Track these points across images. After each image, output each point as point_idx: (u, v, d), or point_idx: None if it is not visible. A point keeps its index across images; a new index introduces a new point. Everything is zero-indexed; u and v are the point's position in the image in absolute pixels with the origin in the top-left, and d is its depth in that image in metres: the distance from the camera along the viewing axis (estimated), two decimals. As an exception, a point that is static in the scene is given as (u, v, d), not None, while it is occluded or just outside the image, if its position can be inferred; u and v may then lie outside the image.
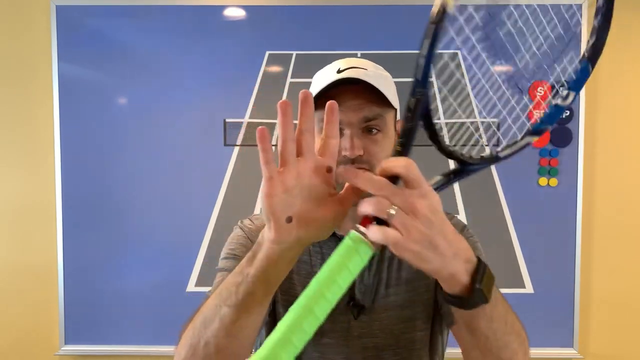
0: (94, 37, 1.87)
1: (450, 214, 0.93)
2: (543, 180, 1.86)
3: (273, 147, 0.55)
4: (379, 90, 0.80)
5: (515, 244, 1.86)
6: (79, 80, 1.88)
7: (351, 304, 0.84)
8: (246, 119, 1.87)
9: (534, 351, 1.87)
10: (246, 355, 0.66)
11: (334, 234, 0.86)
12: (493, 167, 1.86)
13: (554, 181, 1.86)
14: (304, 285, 0.83)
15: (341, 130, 0.81)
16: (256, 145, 0.55)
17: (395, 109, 0.88)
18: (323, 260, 0.86)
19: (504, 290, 0.75)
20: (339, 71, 0.81)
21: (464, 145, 0.70)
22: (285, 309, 0.82)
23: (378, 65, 0.86)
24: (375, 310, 0.85)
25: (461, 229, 0.93)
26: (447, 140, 0.61)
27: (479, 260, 0.57)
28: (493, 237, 1.87)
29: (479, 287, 0.56)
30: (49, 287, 1.90)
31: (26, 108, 1.91)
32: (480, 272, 0.57)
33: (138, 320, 1.89)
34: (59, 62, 1.87)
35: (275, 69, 1.88)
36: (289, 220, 0.56)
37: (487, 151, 0.60)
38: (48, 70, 1.87)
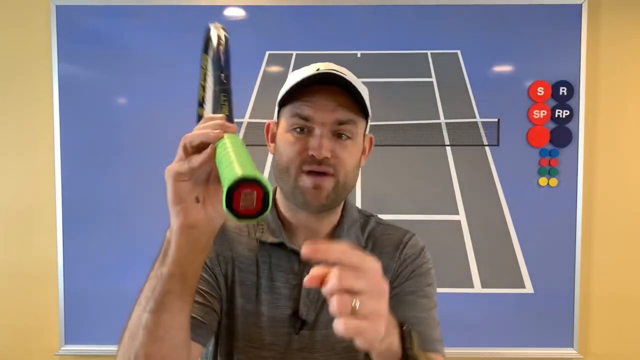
0: (94, 37, 1.87)
1: (410, 232, 0.92)
2: (543, 180, 1.86)
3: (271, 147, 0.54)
4: (354, 97, 0.79)
5: (515, 244, 1.86)
6: (79, 80, 1.88)
7: (294, 317, 0.83)
8: (246, 119, 1.87)
9: (534, 351, 1.87)
10: (179, 357, 0.64)
11: (283, 245, 0.84)
12: (493, 167, 1.86)
13: (554, 181, 1.86)
14: (247, 297, 0.84)
15: (311, 129, 0.79)
16: (256, 146, 0.56)
17: (366, 121, 0.86)
18: (270, 270, 0.84)
19: (504, 290, 0.75)
20: (317, 71, 0.79)
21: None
22: (229, 319, 0.84)
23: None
24: (317, 326, 0.83)
25: (420, 250, 0.89)
26: (447, 140, 0.62)
27: (400, 323, 0.61)
28: (493, 237, 1.87)
29: (411, 353, 0.59)
30: (49, 287, 1.90)
31: (26, 108, 1.91)
32: (408, 337, 0.59)
33: (138, 320, 1.89)
34: (59, 62, 1.87)
35: (275, 69, 1.88)
36: (197, 200, 0.57)
37: None
38: (48, 70, 1.87)
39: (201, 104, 0.75)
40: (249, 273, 0.85)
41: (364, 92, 0.81)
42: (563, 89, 1.85)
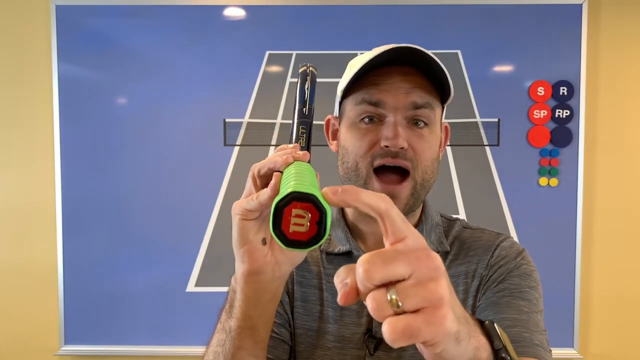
0: (94, 37, 1.87)
1: (505, 235, 0.81)
2: (543, 180, 1.86)
3: (271, 147, 0.53)
4: (432, 77, 0.67)
5: (515, 244, 1.86)
6: (79, 80, 1.88)
7: (367, 336, 0.71)
8: (246, 119, 1.87)
9: (534, 351, 1.87)
10: None
11: (350, 254, 0.75)
12: (493, 167, 1.86)
13: (554, 181, 1.86)
14: (310, 315, 0.74)
15: (382, 117, 0.69)
16: (256, 145, 0.55)
17: (443, 106, 0.74)
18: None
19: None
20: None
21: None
22: (291, 341, 0.74)
23: None
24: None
25: (517, 252, 0.78)
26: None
27: (479, 321, 0.47)
28: (493, 237, 1.86)
29: (507, 356, 0.44)
30: (49, 287, 1.90)
31: (26, 108, 1.91)
32: (495, 335, 0.44)
33: (138, 320, 1.89)
34: (59, 62, 1.87)
35: (275, 69, 1.88)
36: (264, 242, 0.51)
37: None
38: (48, 70, 1.87)
39: None
40: (311, 287, 0.75)
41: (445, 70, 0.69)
42: (563, 89, 1.85)
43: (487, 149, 1.87)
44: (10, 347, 1.95)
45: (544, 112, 1.85)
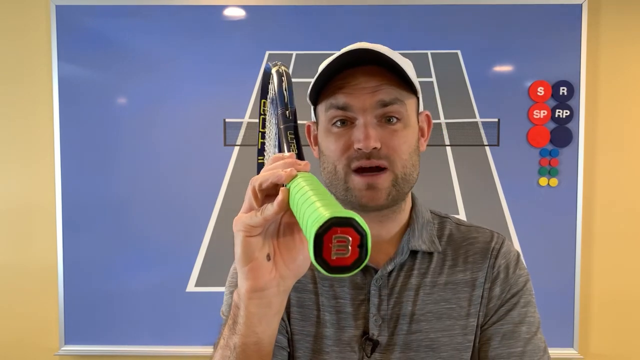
0: (94, 37, 1.87)
1: (496, 233, 0.80)
2: (543, 180, 1.86)
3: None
4: (397, 71, 0.67)
5: (515, 244, 1.86)
6: (79, 80, 1.88)
7: (364, 338, 0.72)
8: (246, 119, 1.87)
9: (534, 351, 1.87)
10: None
11: None
12: (493, 167, 1.86)
13: (554, 181, 1.86)
14: (307, 319, 0.74)
15: (352, 119, 0.69)
16: (256, 145, 0.55)
17: (417, 97, 0.74)
18: (332, 287, 0.74)
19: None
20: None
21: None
22: (289, 347, 0.74)
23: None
24: (392, 348, 0.71)
25: (515, 259, 0.78)
26: (447, 140, 0.61)
27: None
28: (493, 237, 1.86)
29: None
30: (49, 287, 1.90)
31: (26, 108, 1.91)
32: None
33: (138, 320, 1.89)
34: (59, 62, 1.87)
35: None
36: (269, 258, 0.50)
37: None
38: (48, 70, 1.87)
39: (261, 152, 0.70)
40: (307, 292, 0.75)
41: (406, 65, 0.70)
42: (563, 89, 1.85)
43: (487, 149, 1.87)
44: (10, 347, 1.95)
45: (544, 112, 1.85)
